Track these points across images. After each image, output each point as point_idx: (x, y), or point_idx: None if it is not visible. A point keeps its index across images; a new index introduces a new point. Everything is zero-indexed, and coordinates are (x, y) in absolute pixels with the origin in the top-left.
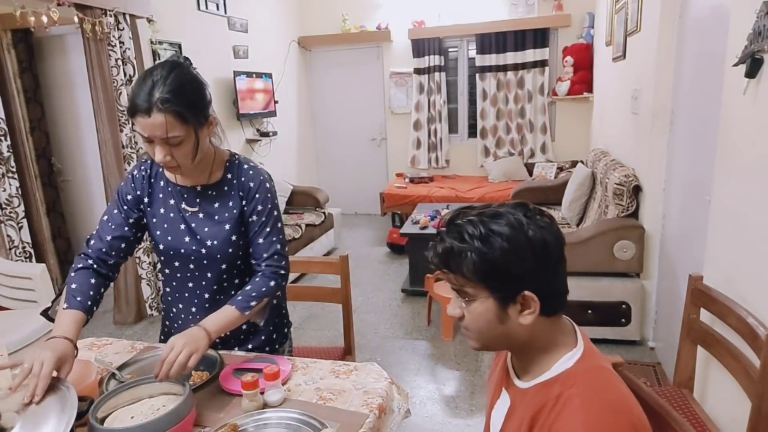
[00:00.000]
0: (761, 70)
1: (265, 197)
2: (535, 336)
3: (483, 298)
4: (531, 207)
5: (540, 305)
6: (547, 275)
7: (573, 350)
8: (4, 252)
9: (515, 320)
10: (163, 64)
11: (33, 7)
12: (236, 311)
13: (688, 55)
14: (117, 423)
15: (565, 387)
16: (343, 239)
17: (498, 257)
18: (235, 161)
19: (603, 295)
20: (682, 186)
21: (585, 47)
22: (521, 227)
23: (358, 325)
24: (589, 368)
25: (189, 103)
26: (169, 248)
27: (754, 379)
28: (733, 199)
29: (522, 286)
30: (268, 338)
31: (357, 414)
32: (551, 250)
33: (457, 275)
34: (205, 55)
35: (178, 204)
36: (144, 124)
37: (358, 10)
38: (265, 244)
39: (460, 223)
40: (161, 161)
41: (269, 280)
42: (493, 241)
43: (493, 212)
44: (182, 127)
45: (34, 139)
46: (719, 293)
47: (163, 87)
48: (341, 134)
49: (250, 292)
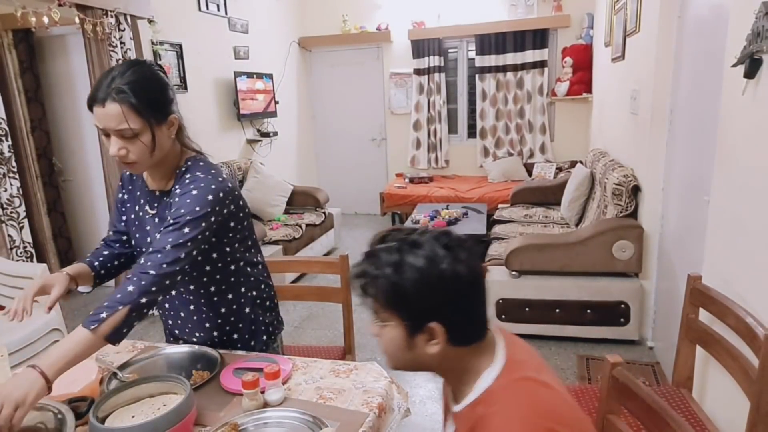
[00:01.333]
0: (760, 71)
1: (183, 203)
2: (448, 363)
3: (394, 325)
4: (453, 237)
5: (447, 336)
6: (458, 308)
7: (489, 368)
8: (5, 252)
9: (422, 348)
10: (125, 61)
11: (34, 8)
12: (82, 330)
13: (687, 55)
14: (118, 422)
15: (486, 406)
16: (343, 239)
17: (408, 287)
18: (183, 168)
19: (602, 294)
20: (681, 186)
21: (584, 48)
22: (435, 260)
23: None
24: (508, 383)
25: (146, 97)
26: (138, 246)
27: (753, 378)
28: (732, 199)
29: (428, 318)
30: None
31: (357, 413)
32: (462, 285)
33: (372, 299)
34: (206, 55)
35: (144, 205)
36: (99, 114)
37: (358, 11)
38: (158, 242)
39: (380, 248)
40: (115, 154)
41: (129, 285)
42: (405, 271)
43: (412, 241)
44: (137, 120)
45: (35, 139)
46: (718, 293)
47: (121, 79)
48: (341, 134)
49: (105, 301)
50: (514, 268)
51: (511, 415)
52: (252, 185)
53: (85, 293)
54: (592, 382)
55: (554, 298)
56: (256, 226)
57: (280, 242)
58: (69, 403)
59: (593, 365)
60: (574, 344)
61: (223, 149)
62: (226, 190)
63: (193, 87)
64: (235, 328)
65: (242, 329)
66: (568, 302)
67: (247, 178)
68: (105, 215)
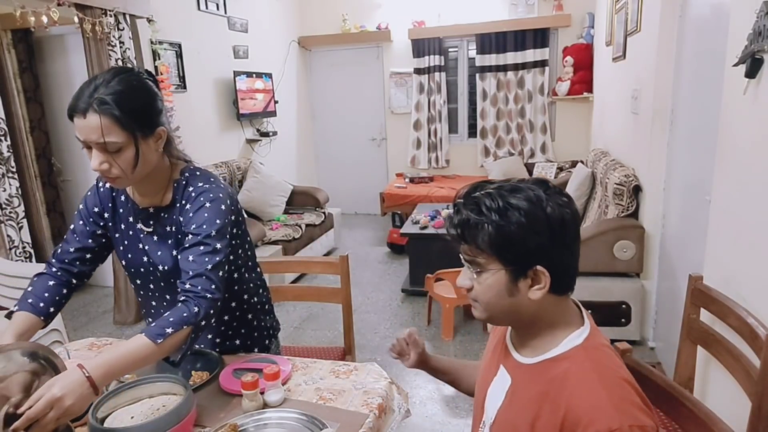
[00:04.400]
0: (761, 70)
1: (201, 216)
2: (542, 312)
3: (495, 270)
4: (551, 184)
5: (550, 281)
6: (561, 252)
7: (581, 328)
8: (4, 252)
9: (524, 294)
10: (111, 68)
11: (33, 7)
12: (145, 340)
13: (688, 55)
14: (117, 423)
15: (574, 363)
16: (343, 239)
17: (514, 230)
18: (182, 182)
19: (603, 295)
20: (682, 186)
21: (585, 47)
22: (539, 203)
23: (358, 325)
24: (597, 346)
25: (130, 109)
26: (130, 266)
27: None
28: (733, 199)
29: (535, 261)
30: (243, 347)
31: (357, 414)
32: (568, 228)
33: (471, 246)
34: (205, 55)
35: (135, 222)
36: (80, 125)
37: (358, 10)
38: (195, 262)
39: (477, 195)
40: (96, 168)
41: (193, 306)
42: (511, 215)
43: (512, 187)
44: (120, 133)
45: (34, 139)
46: (719, 293)
47: (105, 89)
48: (341, 134)
49: (169, 317)
50: None
51: (604, 371)
52: (251, 185)
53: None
54: None
55: None
56: (256, 226)
57: (280, 242)
58: None
59: None
60: None
61: (222, 149)
62: (231, 196)
63: (193, 86)
64: (237, 334)
65: (244, 335)
66: None
67: (247, 178)
68: None
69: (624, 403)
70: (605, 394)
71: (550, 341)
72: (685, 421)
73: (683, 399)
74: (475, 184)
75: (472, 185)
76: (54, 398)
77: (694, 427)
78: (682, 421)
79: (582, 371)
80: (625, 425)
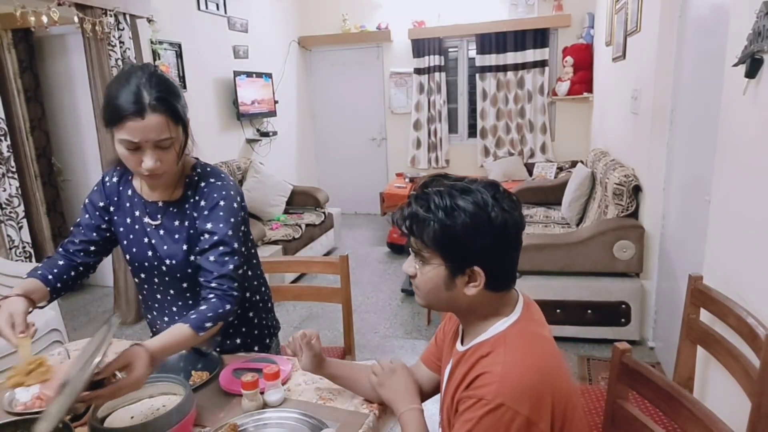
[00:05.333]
0: (761, 71)
1: (217, 216)
2: (477, 305)
3: (436, 264)
4: (500, 188)
5: (486, 281)
6: (501, 255)
7: (508, 317)
8: (4, 252)
9: (460, 289)
10: (138, 67)
11: (33, 7)
12: (190, 330)
13: (688, 55)
14: (117, 423)
15: (495, 346)
16: (343, 239)
17: (458, 231)
18: (194, 177)
19: (603, 295)
20: (681, 186)
21: (585, 47)
22: (486, 207)
23: (358, 325)
24: (521, 333)
25: (178, 103)
26: (134, 260)
27: (754, 378)
28: (733, 199)
29: (473, 261)
30: (244, 345)
31: (357, 414)
32: (509, 233)
33: (417, 239)
34: (205, 55)
35: (141, 217)
36: (135, 128)
37: (358, 10)
38: (217, 263)
39: (429, 192)
40: (151, 168)
41: (225, 303)
42: (457, 216)
43: (463, 187)
44: (174, 128)
45: (34, 139)
46: (719, 293)
47: (152, 88)
48: (341, 134)
49: (206, 312)
50: None
51: (516, 359)
52: (251, 185)
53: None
54: (592, 383)
55: (555, 298)
56: (256, 226)
57: (280, 242)
58: None
59: (594, 365)
60: (575, 344)
61: (222, 149)
62: (240, 193)
63: (193, 87)
64: (238, 333)
65: (244, 333)
66: (568, 302)
67: (247, 177)
68: None
69: (511, 385)
70: (500, 371)
71: (481, 330)
72: (684, 421)
73: (683, 399)
74: (432, 176)
75: (429, 177)
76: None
77: (694, 427)
78: (682, 421)
79: (496, 353)
80: (498, 401)
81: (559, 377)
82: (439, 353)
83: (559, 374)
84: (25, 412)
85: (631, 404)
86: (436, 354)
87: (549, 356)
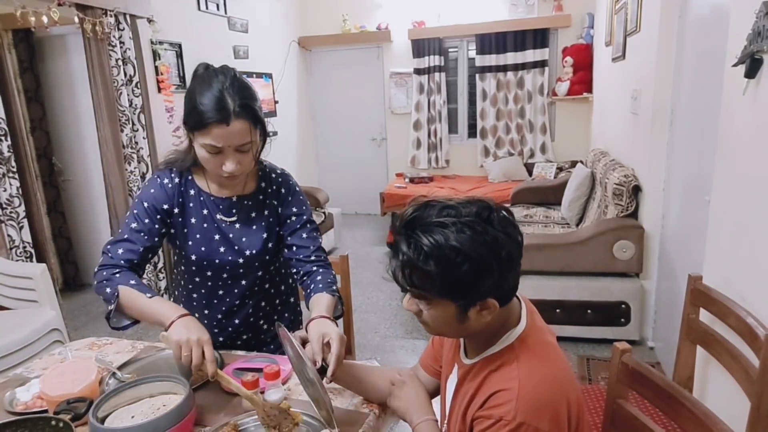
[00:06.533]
0: (761, 71)
1: (298, 199)
2: (488, 325)
3: (443, 304)
4: (494, 211)
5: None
6: (508, 279)
7: (515, 327)
8: (4, 252)
9: (474, 319)
10: (219, 71)
11: (33, 7)
12: (331, 297)
13: (688, 55)
14: (117, 422)
15: (505, 360)
16: (343, 239)
17: (464, 277)
18: (266, 170)
19: (602, 295)
20: (681, 186)
21: (585, 47)
22: (487, 244)
23: (358, 325)
24: (530, 343)
25: (258, 107)
26: (203, 258)
27: (753, 378)
28: (733, 199)
29: (485, 295)
30: (294, 324)
31: (357, 413)
32: (514, 258)
33: (418, 288)
34: (206, 55)
35: (212, 214)
36: (220, 134)
37: (358, 10)
38: (311, 238)
39: (418, 235)
40: (233, 171)
41: (330, 270)
42: (460, 263)
43: (455, 224)
44: (255, 132)
45: (34, 139)
46: (719, 293)
47: (234, 93)
48: (341, 134)
49: (326, 278)
50: None
51: (531, 368)
52: None
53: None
54: (592, 383)
55: (555, 298)
56: None
57: None
58: (68, 403)
59: (594, 365)
60: (575, 344)
61: None
62: None
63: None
64: (281, 318)
65: (287, 318)
66: (568, 302)
67: None
68: (105, 215)
69: (529, 401)
70: (516, 386)
71: (489, 342)
72: (684, 421)
73: (682, 399)
74: (416, 206)
75: (413, 207)
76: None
77: (694, 426)
78: (681, 420)
79: (509, 368)
80: (518, 420)
81: (570, 383)
82: (437, 357)
83: (570, 381)
84: (26, 411)
85: (631, 404)
86: (434, 357)
87: (559, 365)
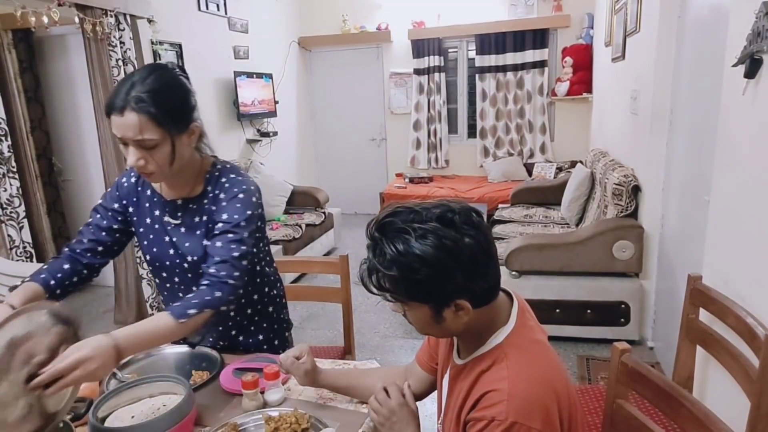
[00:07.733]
0: (760, 71)
1: (233, 207)
2: (471, 324)
3: (417, 306)
4: (456, 212)
5: (472, 305)
6: (477, 280)
7: (503, 327)
8: (4, 252)
9: (451, 320)
10: (146, 66)
11: (33, 7)
12: (170, 318)
13: (688, 55)
14: (117, 422)
15: (495, 360)
16: (343, 239)
17: (425, 281)
18: (215, 173)
19: (602, 294)
20: (681, 186)
21: (584, 48)
22: (447, 247)
23: (358, 325)
24: (520, 343)
25: (166, 107)
26: (155, 259)
27: (753, 378)
28: (733, 199)
29: (452, 298)
30: (266, 341)
31: (357, 413)
32: (478, 260)
33: (390, 292)
34: (206, 55)
35: (161, 216)
36: (117, 123)
37: (358, 11)
38: (222, 249)
39: (385, 243)
40: (133, 165)
41: (215, 290)
42: (419, 268)
43: (418, 230)
44: (156, 131)
45: (34, 139)
46: (718, 293)
47: (141, 87)
48: (341, 134)
49: (192, 299)
50: (514, 268)
51: (520, 372)
52: None
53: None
54: (592, 383)
55: (554, 298)
56: None
57: (280, 242)
58: None
59: (593, 365)
60: (574, 344)
61: (222, 149)
62: (258, 190)
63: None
64: (260, 329)
65: (266, 329)
66: (568, 302)
67: None
68: None
69: (520, 401)
70: (506, 386)
71: (479, 342)
72: (684, 421)
73: (682, 399)
74: (388, 212)
75: (383, 217)
76: (82, 358)
77: (693, 426)
78: (681, 420)
79: (498, 367)
80: (510, 420)
81: (561, 382)
82: (433, 354)
83: (560, 380)
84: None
85: (631, 404)
86: (430, 355)
87: (549, 364)
